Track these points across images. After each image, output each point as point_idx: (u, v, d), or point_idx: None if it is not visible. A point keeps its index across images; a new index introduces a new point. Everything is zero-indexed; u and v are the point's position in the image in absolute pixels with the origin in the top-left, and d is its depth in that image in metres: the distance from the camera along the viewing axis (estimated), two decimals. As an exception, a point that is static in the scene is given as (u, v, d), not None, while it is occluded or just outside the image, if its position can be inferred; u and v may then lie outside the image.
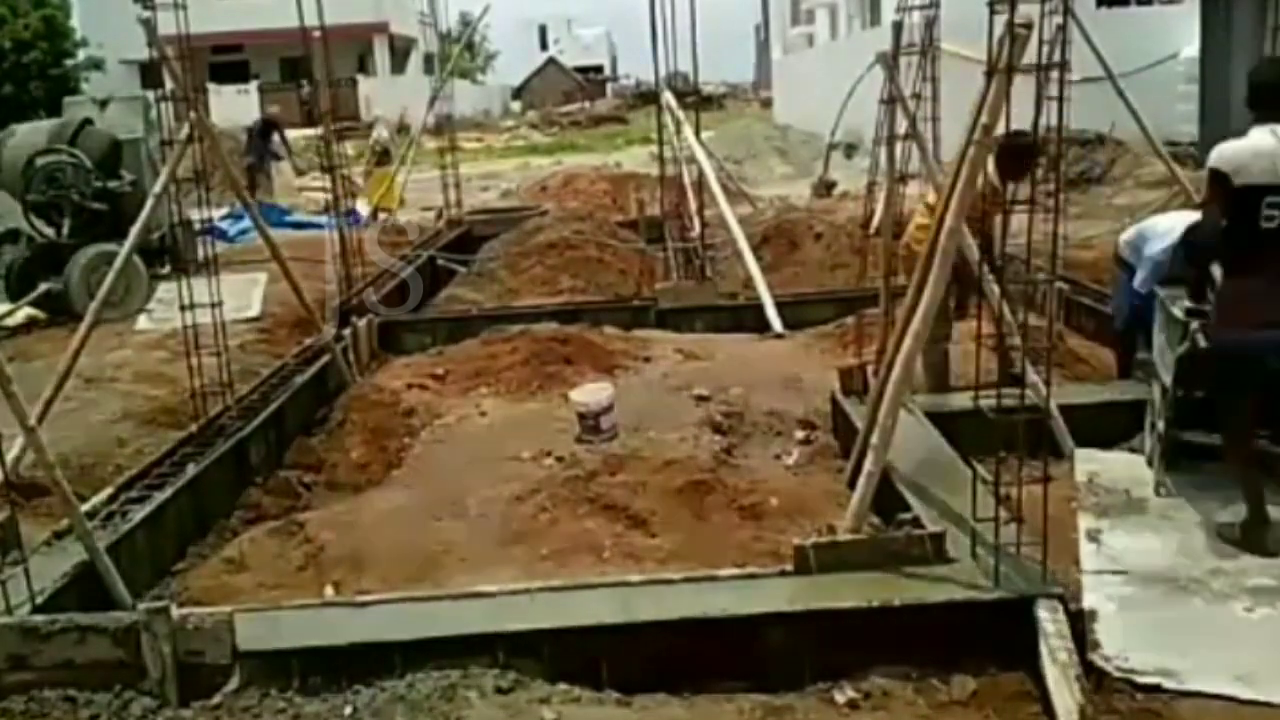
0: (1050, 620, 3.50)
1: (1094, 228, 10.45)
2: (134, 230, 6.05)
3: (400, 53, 48.53)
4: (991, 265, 5.23)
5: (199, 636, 3.53)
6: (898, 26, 5.92)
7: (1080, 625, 3.57)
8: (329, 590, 4.49)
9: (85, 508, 4.53)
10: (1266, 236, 4.12)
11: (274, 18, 28.00)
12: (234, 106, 33.59)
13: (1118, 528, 4.51)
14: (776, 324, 8.40)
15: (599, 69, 76.29)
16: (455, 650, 3.54)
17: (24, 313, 9.69)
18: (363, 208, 14.31)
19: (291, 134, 18.91)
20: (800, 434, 5.95)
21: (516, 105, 58.80)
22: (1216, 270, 4.46)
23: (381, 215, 14.83)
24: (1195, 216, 4.86)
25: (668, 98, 12.39)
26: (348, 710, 3.39)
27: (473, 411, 6.52)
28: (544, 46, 77.45)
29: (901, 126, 5.57)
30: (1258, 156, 4.11)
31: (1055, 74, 3.72)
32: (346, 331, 7.91)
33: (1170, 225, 5.56)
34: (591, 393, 6.06)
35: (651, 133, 17.37)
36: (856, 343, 6.18)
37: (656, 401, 6.43)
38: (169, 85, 6.00)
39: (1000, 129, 3.88)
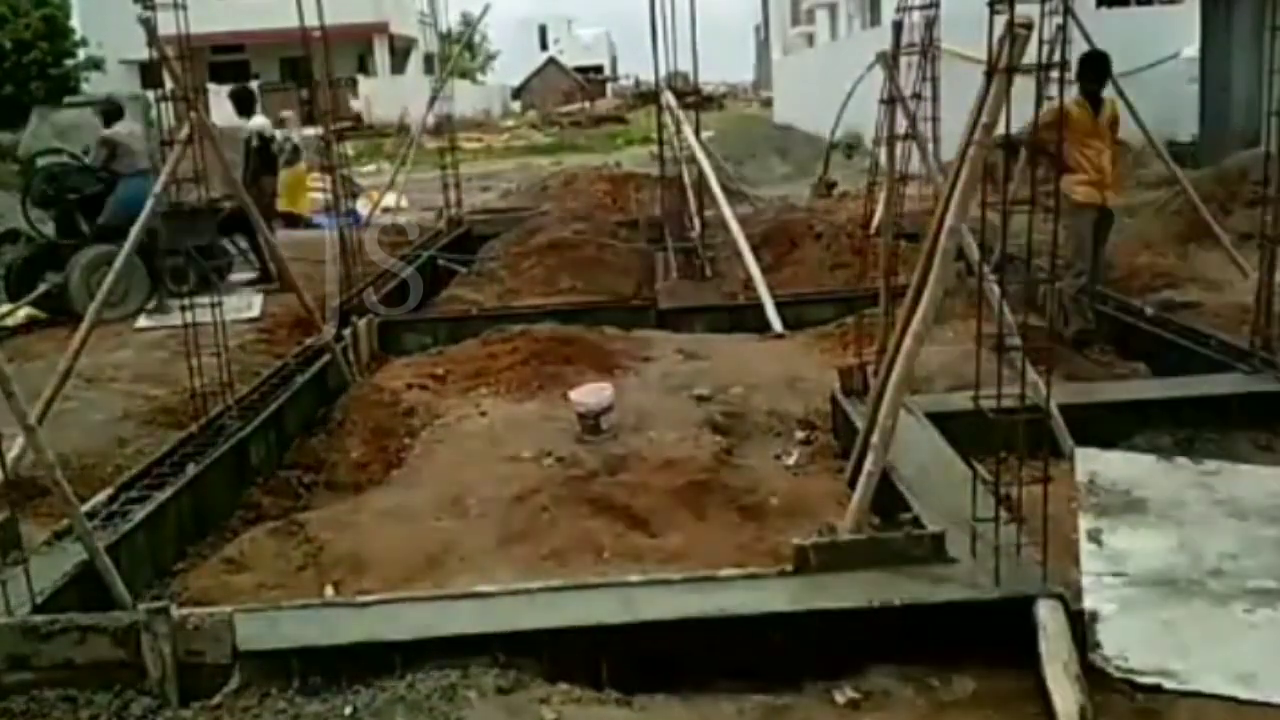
0: (1050, 620, 3.50)
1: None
2: (134, 230, 6.04)
3: (400, 53, 48.52)
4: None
5: (199, 636, 3.53)
6: (898, 26, 5.92)
7: (1080, 625, 3.57)
8: (329, 590, 4.49)
9: (85, 508, 4.52)
10: None
11: (274, 18, 28.01)
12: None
13: (1118, 528, 4.50)
14: (776, 324, 8.39)
15: (599, 69, 76.29)
16: (455, 650, 3.53)
17: (24, 312, 9.69)
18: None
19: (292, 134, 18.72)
20: (800, 434, 5.95)
21: (516, 105, 58.77)
22: None
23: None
24: None
25: (668, 97, 12.39)
26: (348, 710, 3.39)
27: (473, 411, 6.51)
28: (544, 46, 77.46)
29: (901, 126, 5.57)
30: None
31: (1055, 74, 3.72)
32: (346, 331, 7.90)
33: None
34: (591, 393, 6.06)
35: (651, 133, 17.39)
36: (856, 343, 6.18)
37: (656, 401, 6.42)
38: (169, 85, 6.01)
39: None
